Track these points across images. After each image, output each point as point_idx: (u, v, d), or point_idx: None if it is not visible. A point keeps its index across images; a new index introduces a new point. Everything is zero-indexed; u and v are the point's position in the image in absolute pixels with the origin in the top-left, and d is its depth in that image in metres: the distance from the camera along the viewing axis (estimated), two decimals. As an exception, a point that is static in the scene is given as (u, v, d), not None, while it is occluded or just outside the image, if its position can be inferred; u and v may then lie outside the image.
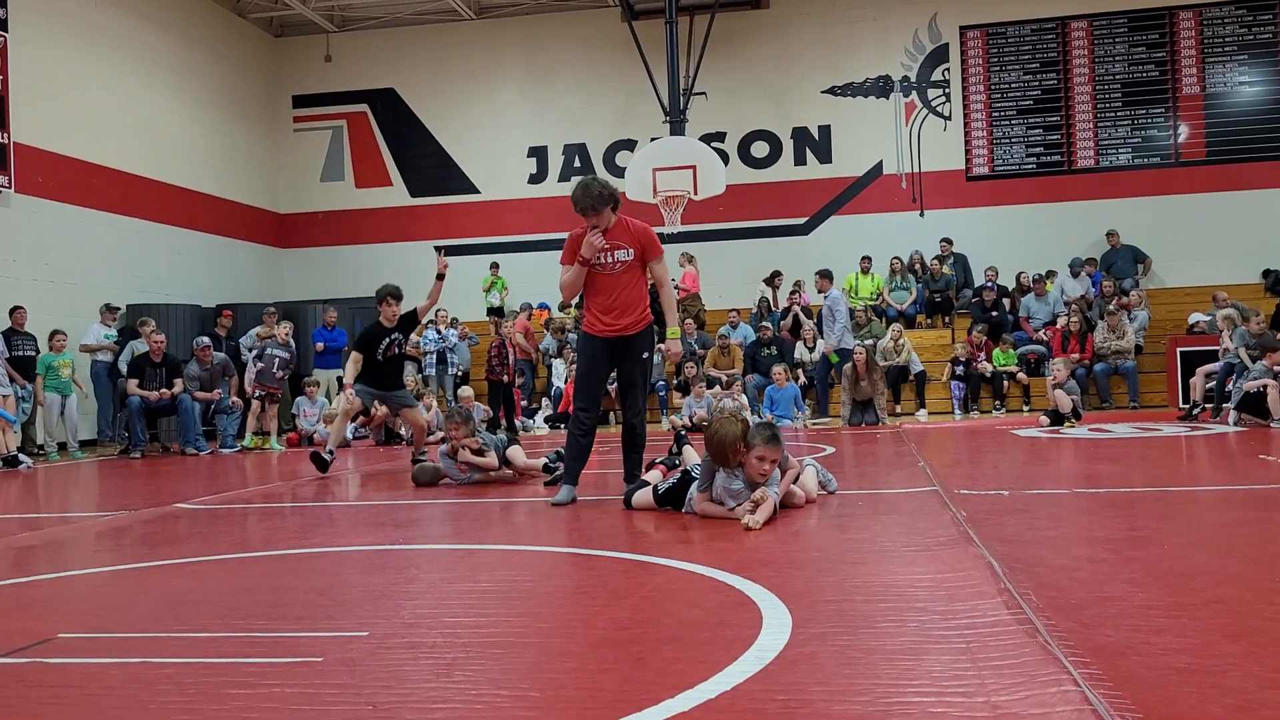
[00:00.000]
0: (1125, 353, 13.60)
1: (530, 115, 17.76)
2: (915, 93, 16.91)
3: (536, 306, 16.34)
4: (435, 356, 14.66)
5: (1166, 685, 2.18)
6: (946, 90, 16.84)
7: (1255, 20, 16.05)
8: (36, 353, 11.64)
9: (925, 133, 16.86)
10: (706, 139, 15.85)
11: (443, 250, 8.84)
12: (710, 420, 4.86)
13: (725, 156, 15.85)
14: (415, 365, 14.59)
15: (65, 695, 2.42)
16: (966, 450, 8.73)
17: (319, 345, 14.19)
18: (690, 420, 12.44)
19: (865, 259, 15.92)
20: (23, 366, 11.30)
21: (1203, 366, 11.40)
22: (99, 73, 14.14)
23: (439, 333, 14.79)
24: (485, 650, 2.67)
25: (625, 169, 14.54)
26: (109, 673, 2.58)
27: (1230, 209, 15.72)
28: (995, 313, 14.80)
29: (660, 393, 13.74)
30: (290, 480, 7.88)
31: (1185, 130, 16.16)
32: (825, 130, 17.05)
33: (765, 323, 14.40)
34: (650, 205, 13.80)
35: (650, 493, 5.18)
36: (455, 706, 2.22)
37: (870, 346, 13.50)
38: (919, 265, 16.00)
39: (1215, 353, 11.74)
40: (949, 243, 16.06)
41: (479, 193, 17.90)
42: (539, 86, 17.75)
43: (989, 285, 15.18)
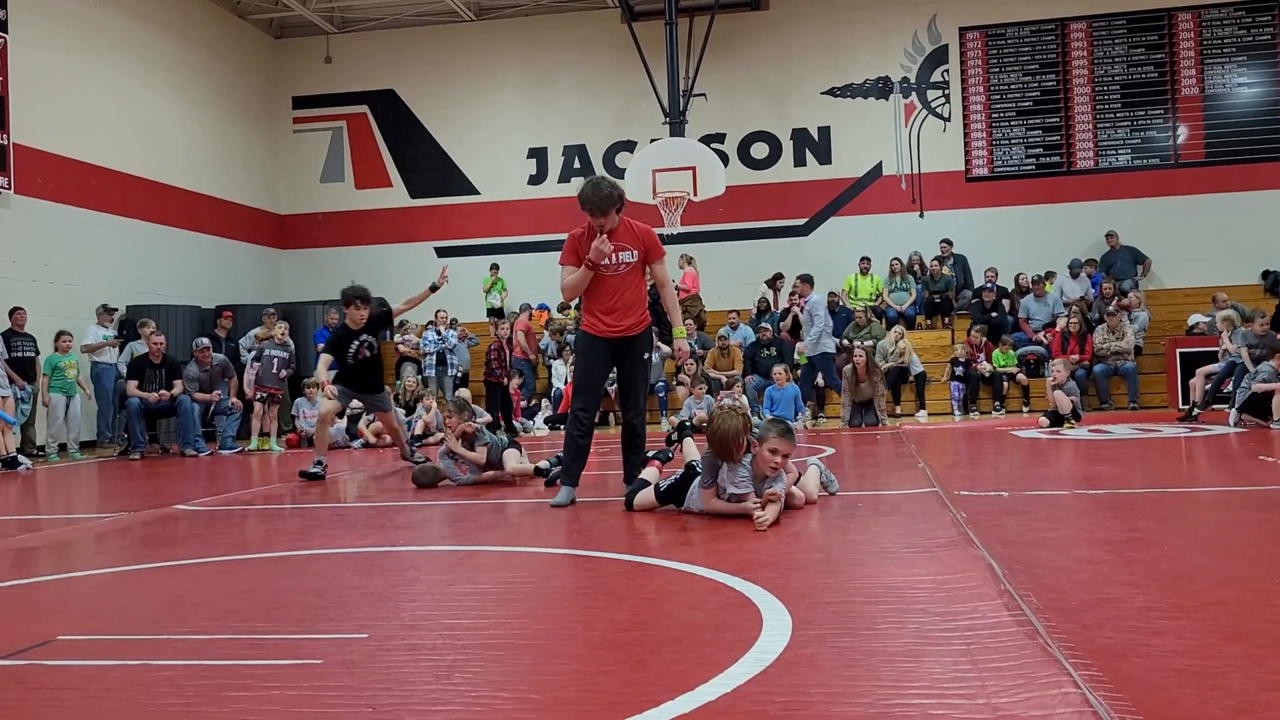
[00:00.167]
0: (1125, 354, 13.60)
1: (530, 116, 17.77)
2: (915, 94, 16.92)
3: (536, 307, 16.35)
4: (435, 358, 14.66)
5: (1167, 687, 2.18)
6: (946, 91, 16.84)
7: (1254, 22, 16.05)
8: (36, 354, 11.64)
9: (925, 134, 16.87)
10: (706, 140, 15.86)
11: (446, 267, 8.76)
12: (711, 416, 4.87)
13: (725, 158, 15.86)
14: (415, 366, 14.60)
15: (65, 698, 2.41)
16: (966, 451, 8.73)
17: (320, 346, 14.17)
18: (690, 421, 12.43)
19: (864, 260, 15.93)
20: (22, 368, 11.28)
21: (1203, 367, 11.40)
22: (99, 74, 14.14)
23: (439, 334, 14.79)
24: (485, 652, 2.67)
25: (625, 170, 14.54)
26: (108, 675, 2.57)
27: (1229, 210, 15.72)
28: (995, 314, 14.80)
29: (660, 394, 13.73)
30: (290, 482, 7.87)
31: (1184, 131, 16.17)
32: (825, 131, 17.05)
33: (765, 324, 14.40)
34: (650, 206, 13.80)
35: (652, 491, 5.18)
36: (455, 709, 2.22)
37: (870, 347, 13.51)
38: (918, 266, 16.00)
39: (1215, 354, 11.74)
40: (949, 243, 16.06)
41: (479, 194, 17.90)
42: (539, 88, 17.76)
43: (988, 286, 15.19)
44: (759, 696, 2.21)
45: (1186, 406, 11.34)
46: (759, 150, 17.22)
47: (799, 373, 13.11)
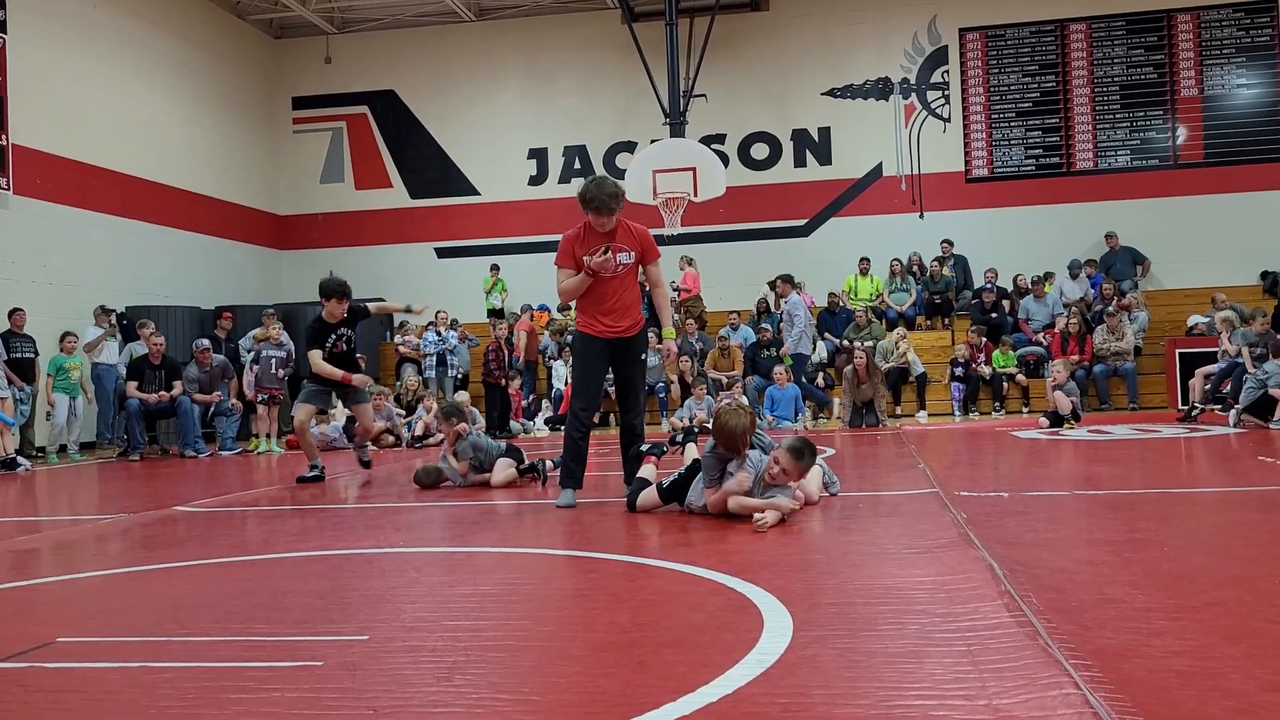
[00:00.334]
0: (1124, 354, 13.60)
1: (530, 117, 17.77)
2: (915, 95, 16.92)
3: (537, 308, 16.34)
4: (435, 359, 14.65)
5: (1167, 688, 2.18)
6: (946, 92, 16.84)
7: (1253, 23, 16.06)
8: (35, 355, 11.63)
9: (925, 134, 16.87)
10: (706, 141, 15.86)
11: (429, 304, 8.85)
12: (718, 412, 4.88)
13: (725, 158, 15.85)
14: (415, 367, 14.59)
15: (64, 700, 2.41)
16: (966, 452, 8.73)
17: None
18: (690, 422, 12.43)
19: (864, 260, 15.93)
20: (21, 369, 11.28)
21: (1202, 368, 11.40)
22: (98, 74, 14.14)
23: (439, 334, 14.79)
24: (486, 654, 2.67)
25: (625, 171, 14.54)
26: (108, 677, 2.57)
27: (1229, 211, 15.72)
28: (994, 314, 14.81)
29: (660, 394, 13.73)
30: (290, 483, 7.87)
31: (1184, 132, 16.17)
32: (825, 132, 17.05)
33: (765, 324, 14.40)
34: (650, 207, 13.80)
35: (654, 491, 5.18)
36: (456, 710, 2.22)
37: (870, 348, 13.51)
38: (918, 267, 16.00)
39: (1214, 354, 11.74)
40: (950, 244, 16.07)
41: (479, 194, 17.90)
42: (539, 88, 17.76)
43: (988, 287, 15.19)
44: (760, 698, 2.21)
45: (1186, 407, 11.33)
46: (759, 151, 17.22)
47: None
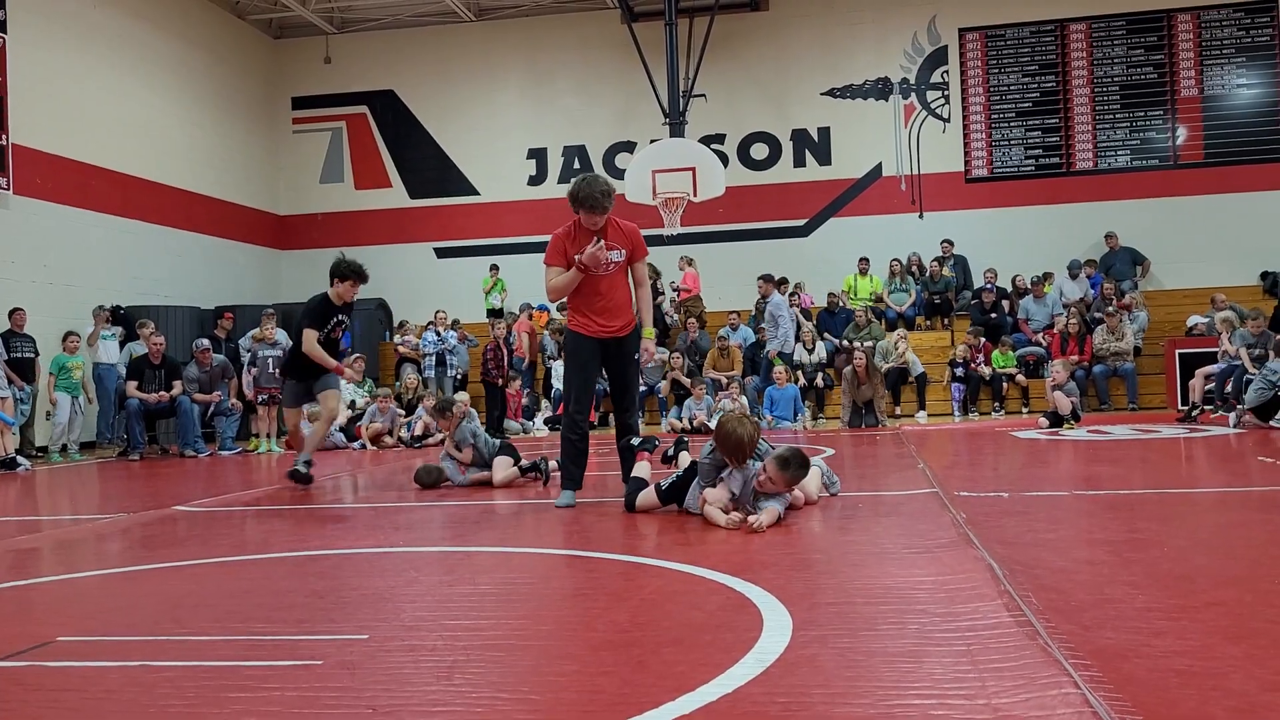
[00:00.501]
0: (1124, 355, 13.60)
1: (530, 117, 17.76)
2: (914, 95, 16.92)
3: (536, 308, 16.34)
4: (434, 358, 14.65)
5: (1167, 687, 2.18)
6: (946, 92, 16.84)
7: (1253, 23, 16.05)
8: (35, 355, 11.62)
9: (924, 135, 16.86)
10: (706, 141, 15.85)
11: (357, 360, 8.62)
12: (724, 420, 4.86)
13: (725, 158, 15.84)
14: (415, 367, 14.59)
15: (64, 699, 2.41)
16: (966, 452, 8.73)
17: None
18: (690, 423, 12.44)
19: (863, 260, 15.93)
20: (21, 368, 11.27)
21: (1202, 368, 11.40)
22: (98, 74, 14.13)
23: (438, 334, 14.78)
24: (486, 653, 2.67)
25: (625, 171, 14.53)
26: (108, 676, 2.57)
27: (1228, 211, 15.72)
28: (994, 315, 14.81)
29: (660, 395, 13.72)
30: (289, 483, 7.86)
31: (1183, 132, 16.17)
32: (824, 132, 17.05)
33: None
34: (650, 207, 13.80)
35: (653, 492, 5.18)
36: (456, 709, 2.22)
37: (870, 348, 13.52)
38: (917, 267, 16.00)
39: (1214, 354, 11.74)
40: (950, 244, 16.07)
41: (478, 194, 17.89)
42: (539, 88, 17.75)
43: (988, 287, 15.19)
44: (759, 697, 2.21)
45: (1186, 407, 11.34)
46: (759, 151, 17.22)
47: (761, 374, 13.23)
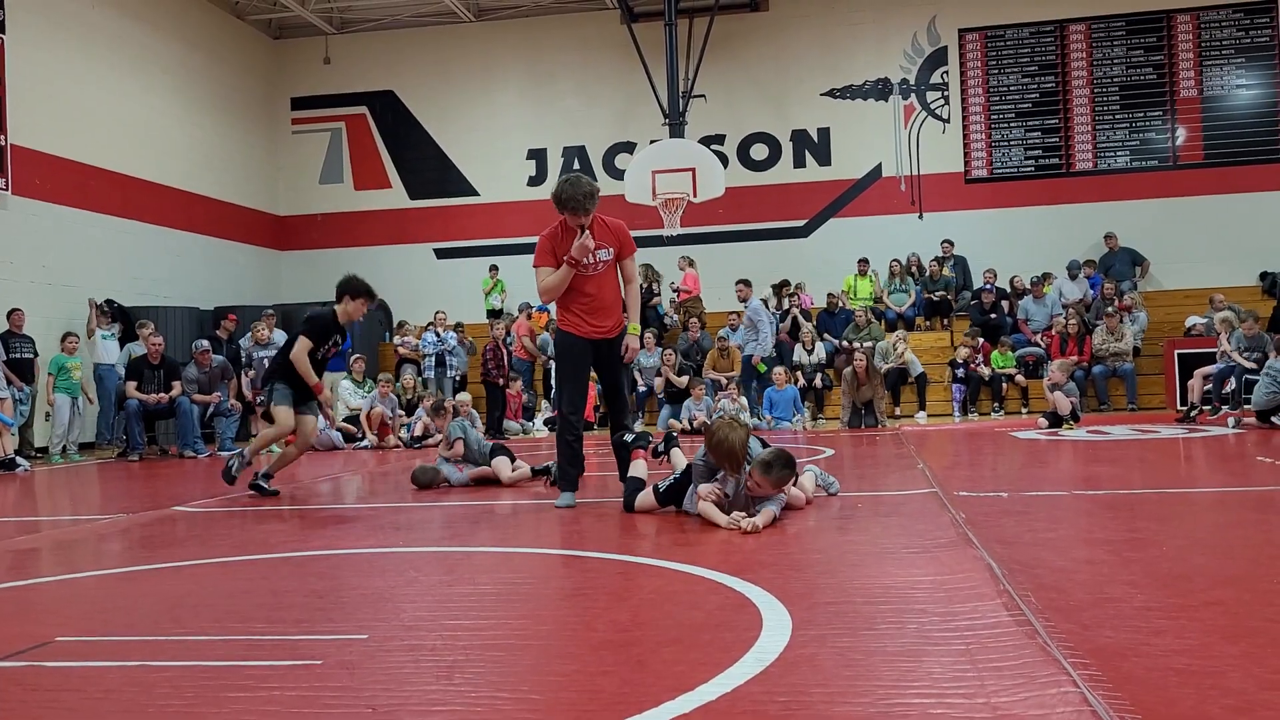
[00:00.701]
0: (1123, 355, 13.60)
1: (530, 117, 17.76)
2: (914, 95, 16.92)
3: (536, 309, 16.34)
4: (434, 359, 14.64)
5: (1166, 686, 2.18)
6: (945, 93, 16.85)
7: (1253, 23, 16.06)
8: (35, 355, 11.62)
9: (924, 135, 16.86)
10: (706, 141, 15.85)
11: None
12: (714, 427, 4.83)
13: (724, 159, 15.84)
14: (414, 368, 14.59)
15: (63, 699, 2.41)
16: (965, 452, 8.73)
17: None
18: (690, 424, 12.44)
19: (863, 261, 15.93)
20: (20, 369, 11.26)
21: (1201, 369, 11.40)
22: (97, 74, 14.12)
23: (438, 335, 14.78)
24: (485, 653, 2.67)
25: (625, 171, 14.52)
26: (107, 676, 2.57)
27: (1228, 212, 15.72)
28: (994, 315, 14.81)
29: (660, 395, 13.71)
30: (288, 483, 7.87)
31: (1183, 133, 16.17)
32: (824, 133, 17.05)
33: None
34: (650, 208, 13.80)
35: (651, 492, 5.18)
36: (455, 709, 2.22)
37: (870, 349, 13.52)
38: (916, 268, 16.01)
39: (1213, 355, 11.74)
40: (950, 244, 16.07)
41: (478, 195, 17.89)
42: (538, 89, 17.75)
43: (987, 288, 15.19)
44: (759, 696, 2.21)
45: (1185, 408, 11.34)
46: (758, 151, 17.22)
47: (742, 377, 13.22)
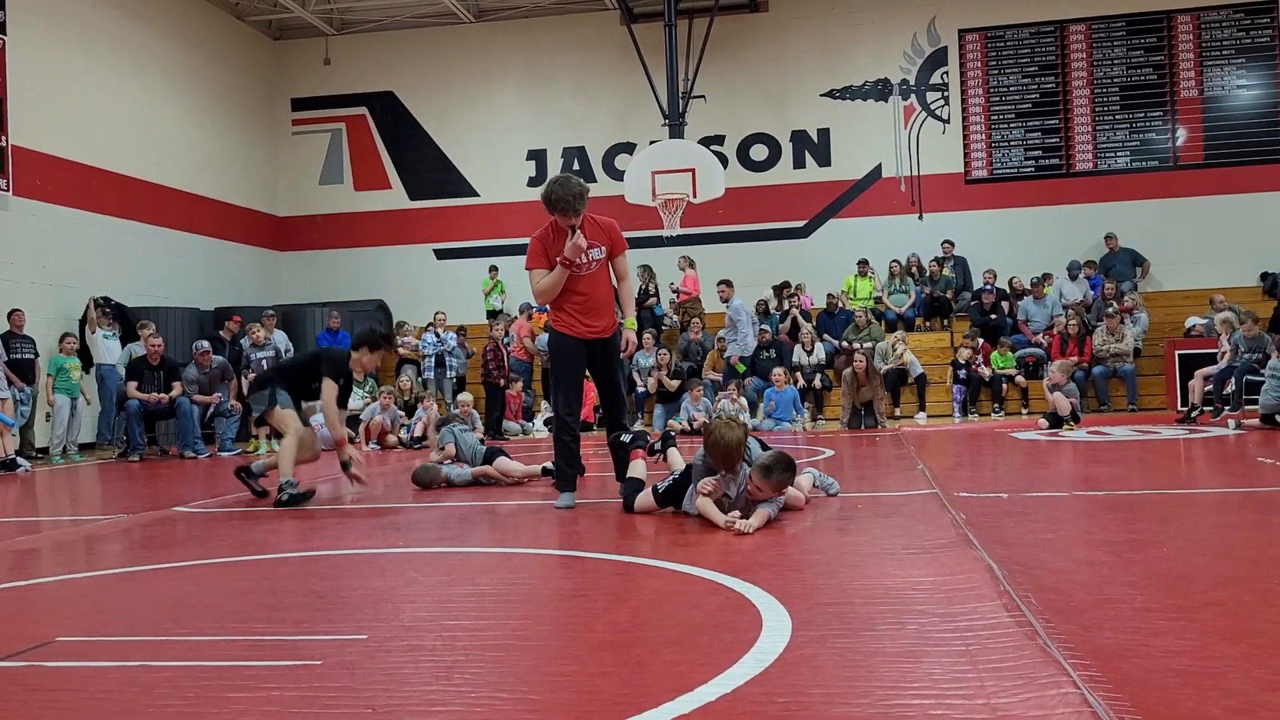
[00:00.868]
0: (1124, 356, 13.60)
1: (529, 118, 17.76)
2: (914, 96, 16.92)
3: (536, 309, 16.34)
4: (434, 360, 14.64)
5: (1166, 687, 2.18)
6: (945, 93, 16.85)
7: (1253, 24, 16.06)
8: (35, 356, 11.62)
9: (924, 136, 16.87)
10: (705, 142, 15.85)
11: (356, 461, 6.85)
12: (711, 427, 4.84)
13: (724, 159, 15.85)
14: (414, 368, 14.59)
15: (63, 699, 2.41)
16: (965, 453, 8.73)
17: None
18: (690, 424, 12.44)
19: (863, 262, 15.93)
20: (21, 369, 11.26)
21: (1201, 369, 11.40)
22: (98, 75, 14.13)
23: (437, 336, 14.77)
24: (485, 653, 2.67)
25: (624, 172, 14.52)
26: (107, 676, 2.57)
27: (1228, 212, 15.72)
28: (994, 316, 14.81)
29: (649, 393, 13.70)
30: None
31: (1183, 133, 16.17)
32: (824, 133, 17.05)
33: (764, 326, 14.40)
34: (650, 208, 13.80)
35: (650, 494, 5.18)
36: (455, 709, 2.22)
37: (870, 349, 13.52)
38: (916, 269, 16.01)
39: (1213, 355, 11.74)
40: (950, 244, 16.08)
41: (478, 195, 17.89)
42: (538, 89, 17.76)
43: (987, 288, 15.19)
44: (758, 697, 2.21)
45: (1185, 409, 11.34)
46: (758, 152, 17.22)
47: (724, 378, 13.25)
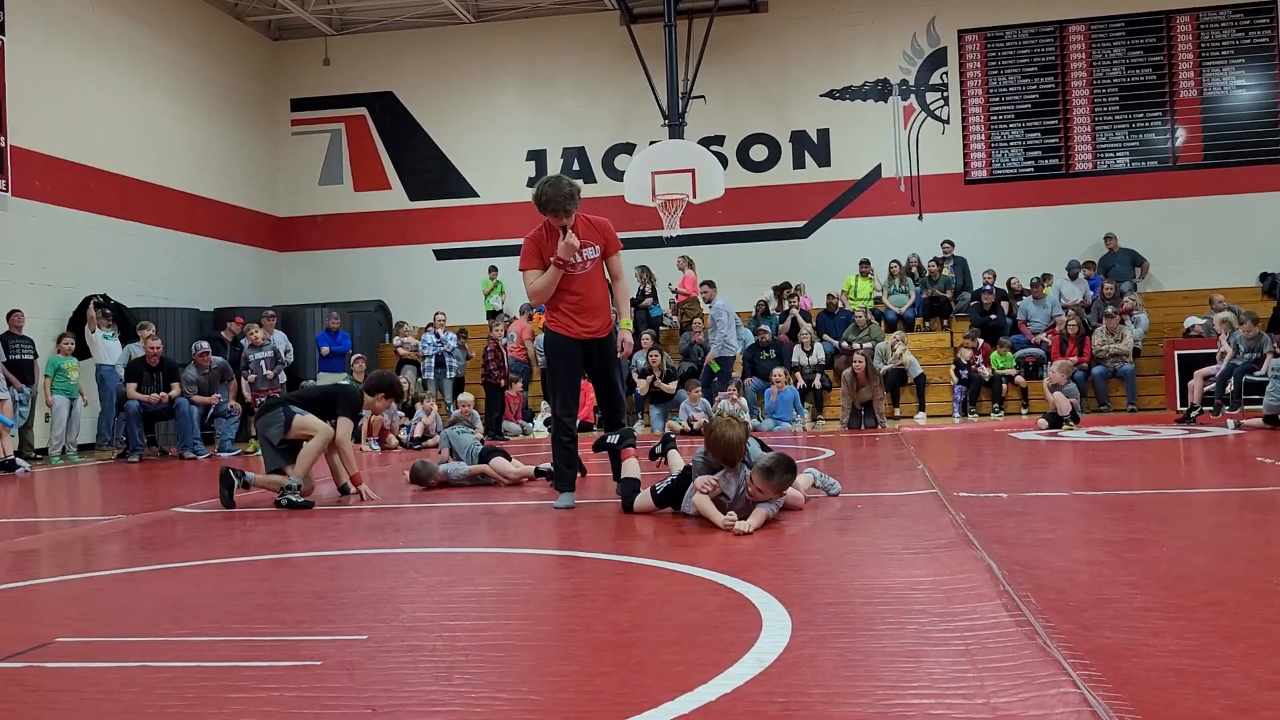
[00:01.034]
0: (1123, 356, 13.60)
1: (529, 119, 17.77)
2: (914, 96, 16.93)
3: (536, 309, 16.34)
4: (434, 360, 14.64)
5: (1166, 687, 2.18)
6: (945, 94, 16.85)
7: (1252, 24, 16.07)
8: (34, 356, 11.62)
9: (924, 136, 16.87)
10: (705, 142, 15.85)
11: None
12: (713, 425, 4.84)
13: (724, 160, 15.85)
14: (414, 368, 14.59)
15: (63, 700, 2.41)
16: (965, 453, 8.73)
17: (324, 350, 14.20)
18: (690, 424, 12.44)
19: (864, 262, 15.94)
20: (20, 370, 11.26)
21: (1201, 369, 11.41)
22: (97, 76, 14.13)
23: (437, 336, 14.77)
24: (485, 653, 2.67)
25: (624, 172, 14.52)
26: (107, 677, 2.57)
27: (1227, 212, 15.73)
28: (993, 316, 14.81)
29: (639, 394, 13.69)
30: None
31: (1182, 134, 16.18)
32: (824, 134, 17.05)
33: (764, 326, 14.40)
34: (649, 209, 13.80)
35: (649, 494, 5.18)
36: (455, 710, 2.22)
37: (870, 350, 13.52)
38: (916, 269, 16.01)
39: (1213, 356, 11.74)
40: (950, 244, 16.08)
41: (478, 196, 17.89)
42: (538, 90, 17.76)
43: (987, 288, 15.19)
44: (758, 697, 2.21)
45: (1185, 409, 11.35)
46: (758, 152, 17.22)
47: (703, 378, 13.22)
